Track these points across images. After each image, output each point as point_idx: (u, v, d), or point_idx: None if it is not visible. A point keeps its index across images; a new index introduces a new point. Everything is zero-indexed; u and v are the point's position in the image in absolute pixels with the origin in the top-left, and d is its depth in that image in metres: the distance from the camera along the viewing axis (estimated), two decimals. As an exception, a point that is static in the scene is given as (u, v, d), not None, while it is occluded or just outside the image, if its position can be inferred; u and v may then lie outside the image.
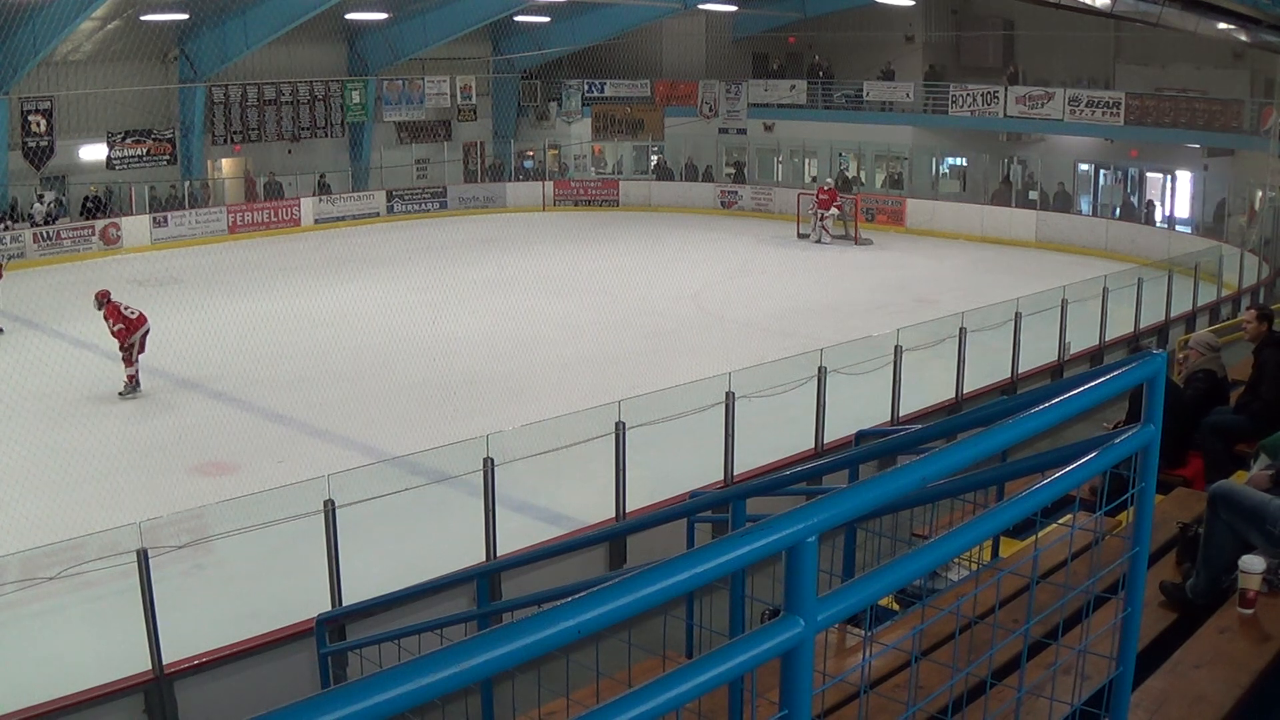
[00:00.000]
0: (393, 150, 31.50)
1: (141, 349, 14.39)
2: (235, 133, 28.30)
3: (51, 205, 24.81)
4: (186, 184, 27.31)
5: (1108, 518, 3.84)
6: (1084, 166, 27.92)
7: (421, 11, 28.90)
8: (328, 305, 19.00)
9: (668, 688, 1.61)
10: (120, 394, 14.20)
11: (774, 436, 10.74)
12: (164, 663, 6.83)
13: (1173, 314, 15.79)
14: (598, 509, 9.00)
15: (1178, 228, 24.65)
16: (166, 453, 12.24)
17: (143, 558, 6.69)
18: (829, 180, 28.01)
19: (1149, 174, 26.92)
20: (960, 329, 11.88)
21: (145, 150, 26.76)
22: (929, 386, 12.18)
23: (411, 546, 9.23)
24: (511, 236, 27.16)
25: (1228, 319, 16.22)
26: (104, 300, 14.48)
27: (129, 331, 14.23)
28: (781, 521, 1.74)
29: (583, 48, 31.46)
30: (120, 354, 14.32)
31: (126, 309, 14.41)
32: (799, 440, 10.30)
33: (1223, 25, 20.02)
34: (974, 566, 4.78)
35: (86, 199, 25.55)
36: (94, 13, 22.88)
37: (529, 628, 1.53)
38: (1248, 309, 9.87)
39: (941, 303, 18.38)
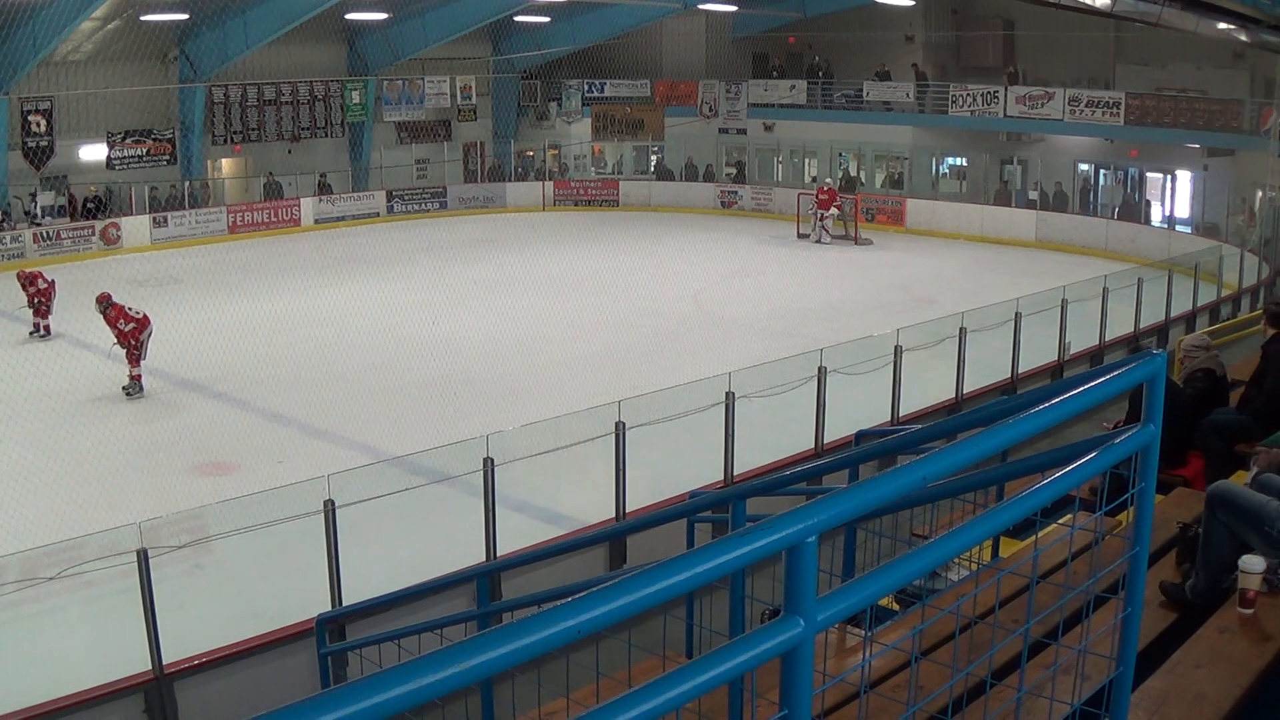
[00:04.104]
0: (393, 150, 31.49)
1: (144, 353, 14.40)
2: (235, 133, 28.29)
3: (52, 208, 24.83)
4: (186, 184, 27.31)
5: (1108, 518, 3.84)
6: (1084, 166, 27.91)
7: (421, 11, 28.88)
8: (328, 305, 18.98)
9: (668, 688, 1.61)
10: (125, 391, 14.17)
11: (774, 436, 10.74)
12: (164, 663, 6.83)
13: (1173, 314, 15.79)
14: (598, 509, 9.01)
15: (1178, 228, 24.64)
16: (166, 453, 12.23)
17: (143, 558, 6.69)
18: (828, 180, 27.99)
19: (1149, 174, 26.91)
20: (960, 329, 11.88)
21: (145, 150, 26.74)
22: (929, 386, 12.18)
23: (411, 546, 9.23)
24: (511, 236, 27.15)
25: (1227, 319, 16.23)
26: (108, 302, 14.44)
27: (139, 330, 14.24)
28: (781, 521, 1.74)
29: (583, 48, 31.46)
30: (127, 354, 14.29)
31: (131, 309, 14.43)
32: (799, 440, 10.30)
33: (1223, 25, 20.02)
34: (974, 566, 4.77)
35: (86, 199, 25.53)
36: (94, 13, 22.87)
37: (529, 628, 1.53)
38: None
39: (941, 303, 18.38)
